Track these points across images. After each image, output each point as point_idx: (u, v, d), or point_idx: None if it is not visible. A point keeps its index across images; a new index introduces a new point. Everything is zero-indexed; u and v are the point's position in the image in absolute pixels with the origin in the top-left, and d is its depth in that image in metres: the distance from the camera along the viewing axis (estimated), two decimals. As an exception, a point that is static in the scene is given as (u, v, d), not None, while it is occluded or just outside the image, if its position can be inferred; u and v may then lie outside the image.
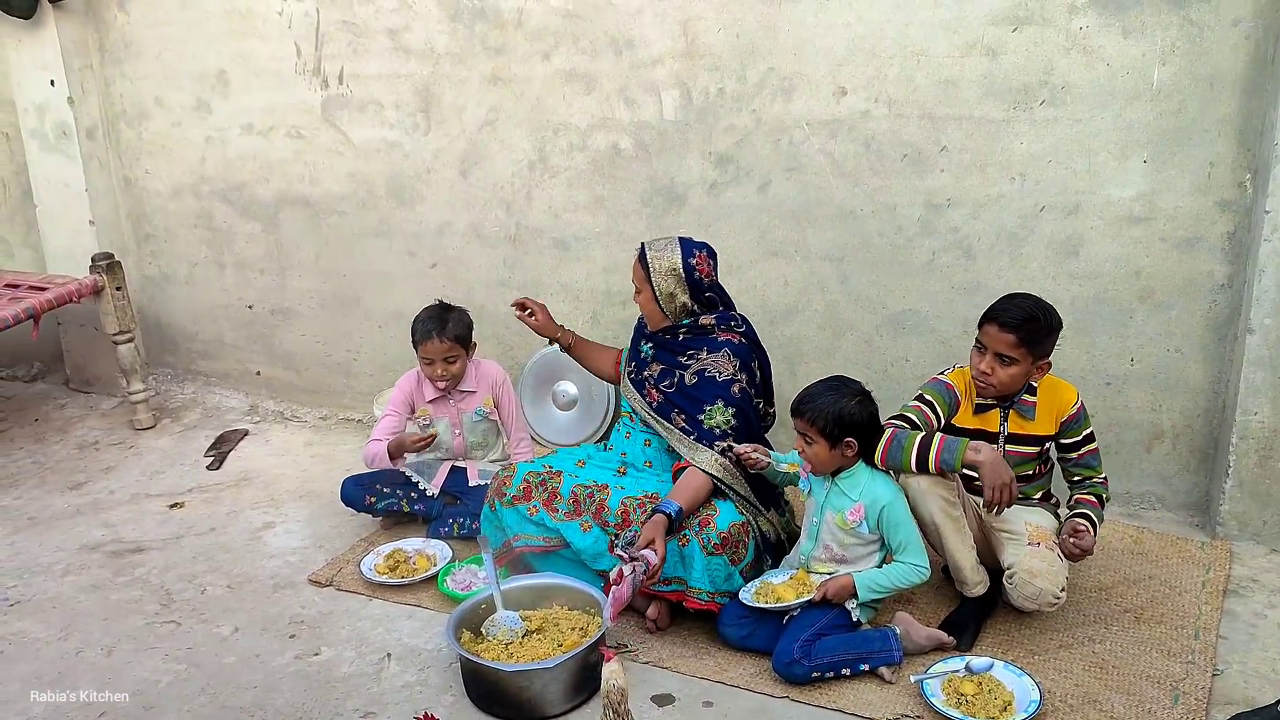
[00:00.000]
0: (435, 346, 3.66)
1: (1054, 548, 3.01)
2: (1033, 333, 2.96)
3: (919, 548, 2.99)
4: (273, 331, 5.05)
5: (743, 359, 3.34)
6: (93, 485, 4.36)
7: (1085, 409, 3.13)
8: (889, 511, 2.95)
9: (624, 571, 2.91)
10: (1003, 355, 2.99)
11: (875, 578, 2.98)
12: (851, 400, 2.93)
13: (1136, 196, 3.46)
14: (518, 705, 2.83)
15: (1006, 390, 3.05)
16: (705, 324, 3.38)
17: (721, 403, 3.27)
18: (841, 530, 3.01)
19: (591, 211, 4.23)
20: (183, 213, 5.06)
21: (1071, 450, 3.15)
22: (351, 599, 3.45)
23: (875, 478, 3.00)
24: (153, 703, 2.97)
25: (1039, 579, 2.93)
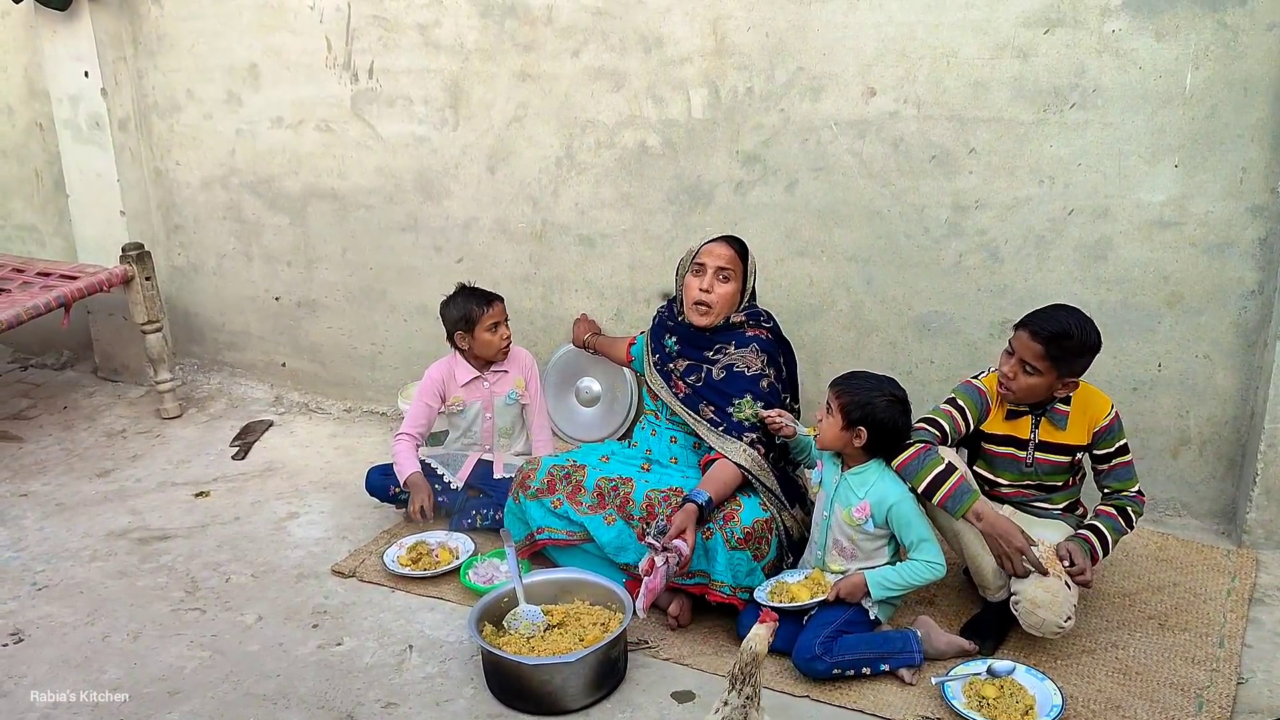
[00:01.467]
0: (499, 308, 3.78)
1: (1061, 573, 2.92)
2: (1062, 349, 2.90)
3: (934, 545, 2.97)
4: (299, 323, 5.08)
5: (770, 354, 3.35)
6: (120, 473, 4.41)
7: (1120, 421, 3.06)
8: (897, 510, 2.95)
9: (656, 562, 2.92)
10: (1027, 364, 2.95)
11: (888, 575, 2.98)
12: (883, 397, 2.96)
13: (1167, 201, 3.44)
14: (539, 699, 2.84)
15: (1024, 399, 3.02)
16: (736, 321, 3.40)
17: (750, 396, 3.29)
18: (849, 526, 3.02)
19: (618, 209, 4.24)
20: (212, 204, 5.10)
21: (1103, 462, 3.08)
22: (374, 590, 3.47)
23: (885, 476, 3.01)
24: (177, 688, 3.00)
25: (1041, 610, 2.87)
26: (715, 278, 3.34)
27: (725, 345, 3.37)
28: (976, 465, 3.19)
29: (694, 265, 3.39)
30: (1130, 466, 3.09)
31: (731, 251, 3.37)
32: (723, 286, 3.35)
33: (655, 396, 3.51)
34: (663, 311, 3.62)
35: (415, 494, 3.67)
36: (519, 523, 3.42)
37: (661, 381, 3.47)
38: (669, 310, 3.57)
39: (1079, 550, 2.96)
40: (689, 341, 3.44)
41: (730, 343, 3.37)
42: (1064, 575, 2.93)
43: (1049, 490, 3.14)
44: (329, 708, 2.91)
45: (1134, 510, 3.09)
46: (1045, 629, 2.90)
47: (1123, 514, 3.07)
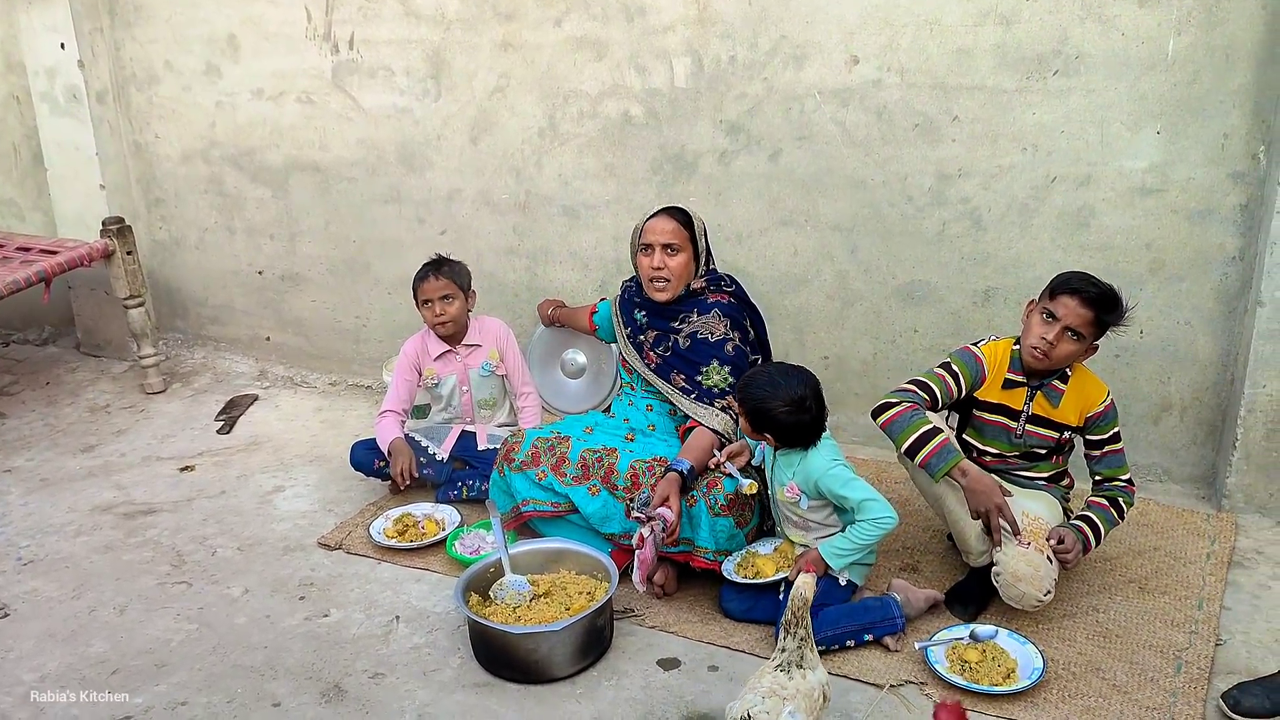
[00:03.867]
0: (432, 285, 3.74)
1: (1045, 548, 2.94)
2: (1109, 315, 2.89)
3: (876, 501, 2.91)
4: (282, 297, 5.06)
5: (733, 318, 3.36)
6: (104, 448, 4.40)
7: (1115, 409, 3.04)
8: (826, 483, 2.93)
9: (644, 534, 2.93)
10: (1073, 330, 2.90)
11: (839, 544, 2.96)
12: (780, 405, 2.90)
13: (1149, 168, 3.44)
14: (525, 667, 2.86)
15: (1058, 365, 2.98)
16: (696, 288, 3.40)
17: (717, 362, 3.31)
18: (786, 503, 3.04)
19: (601, 179, 4.22)
20: (193, 178, 5.06)
21: (1095, 448, 3.08)
22: (361, 562, 3.48)
23: (807, 456, 2.98)
24: (164, 661, 3.01)
25: (1022, 583, 2.89)
26: (664, 254, 3.32)
27: (689, 314, 3.39)
28: (966, 433, 3.20)
29: (641, 245, 3.37)
30: (1122, 455, 3.09)
31: (674, 224, 3.33)
32: (673, 260, 3.33)
33: (630, 369, 3.52)
34: (629, 285, 3.62)
35: (397, 457, 3.68)
36: (504, 495, 3.43)
37: (634, 353, 3.49)
38: (635, 284, 3.57)
39: (1072, 535, 2.97)
40: (655, 313, 3.45)
41: (693, 311, 3.38)
42: (1047, 550, 2.94)
43: (1034, 459, 3.15)
44: (316, 678, 2.92)
45: (1125, 501, 3.09)
46: (1025, 602, 2.92)
47: (1115, 505, 3.07)
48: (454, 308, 3.77)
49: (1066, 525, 3.03)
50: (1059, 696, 2.75)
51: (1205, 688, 2.75)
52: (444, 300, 3.76)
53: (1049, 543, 2.95)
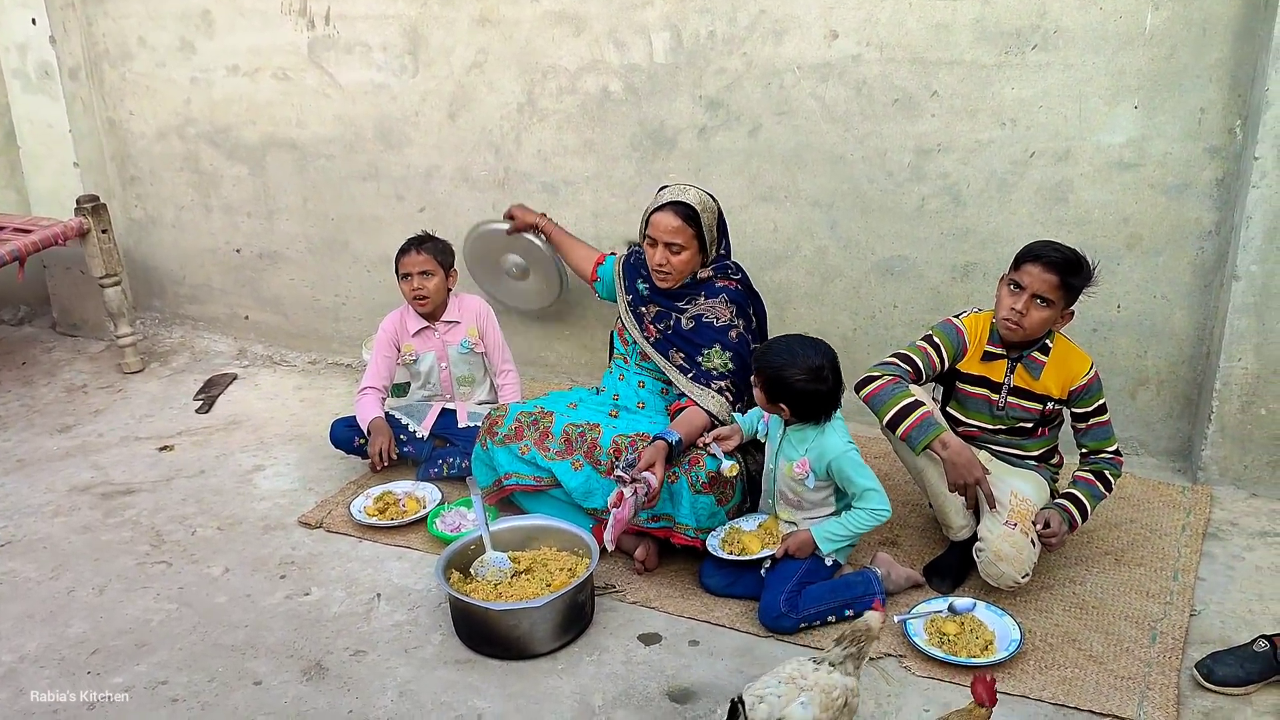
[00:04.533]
0: (412, 259, 3.73)
1: (1030, 530, 2.95)
2: (1074, 277, 2.90)
3: (878, 492, 2.96)
4: (261, 276, 5.03)
5: (740, 305, 3.35)
6: (81, 428, 4.37)
7: (1099, 381, 3.05)
8: (838, 465, 2.95)
9: (624, 494, 2.93)
10: (1041, 297, 2.91)
11: (832, 529, 2.99)
12: (798, 373, 2.89)
13: (1126, 142, 3.45)
14: (506, 644, 2.87)
15: (1032, 335, 2.98)
16: (704, 276, 3.38)
17: (719, 347, 3.30)
18: (791, 480, 3.04)
19: (581, 155, 4.20)
20: (168, 155, 5.01)
21: (1081, 420, 3.08)
22: (341, 540, 3.47)
23: (824, 433, 2.98)
24: (144, 640, 3.00)
25: (1003, 563, 2.91)
26: (667, 251, 3.29)
27: (695, 297, 3.37)
28: (949, 406, 3.21)
29: (647, 237, 3.33)
30: (1108, 427, 3.09)
31: (679, 223, 3.26)
32: (676, 257, 3.29)
33: (625, 340, 3.52)
34: (636, 250, 3.57)
35: (375, 437, 3.68)
36: (486, 468, 3.43)
37: (634, 322, 3.48)
38: (641, 255, 3.52)
39: (1058, 518, 2.98)
40: (659, 290, 3.43)
41: (700, 294, 3.37)
42: (1032, 533, 2.96)
43: (1020, 435, 3.16)
44: (298, 656, 2.92)
45: (1111, 473, 3.10)
46: (1002, 581, 2.94)
47: (1101, 478, 3.08)
48: (432, 284, 3.76)
49: (1052, 506, 3.04)
50: (1036, 667, 2.78)
51: (1180, 657, 2.79)
52: (423, 275, 3.74)
53: (1035, 526, 2.97)
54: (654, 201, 3.34)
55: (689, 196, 3.30)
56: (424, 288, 3.75)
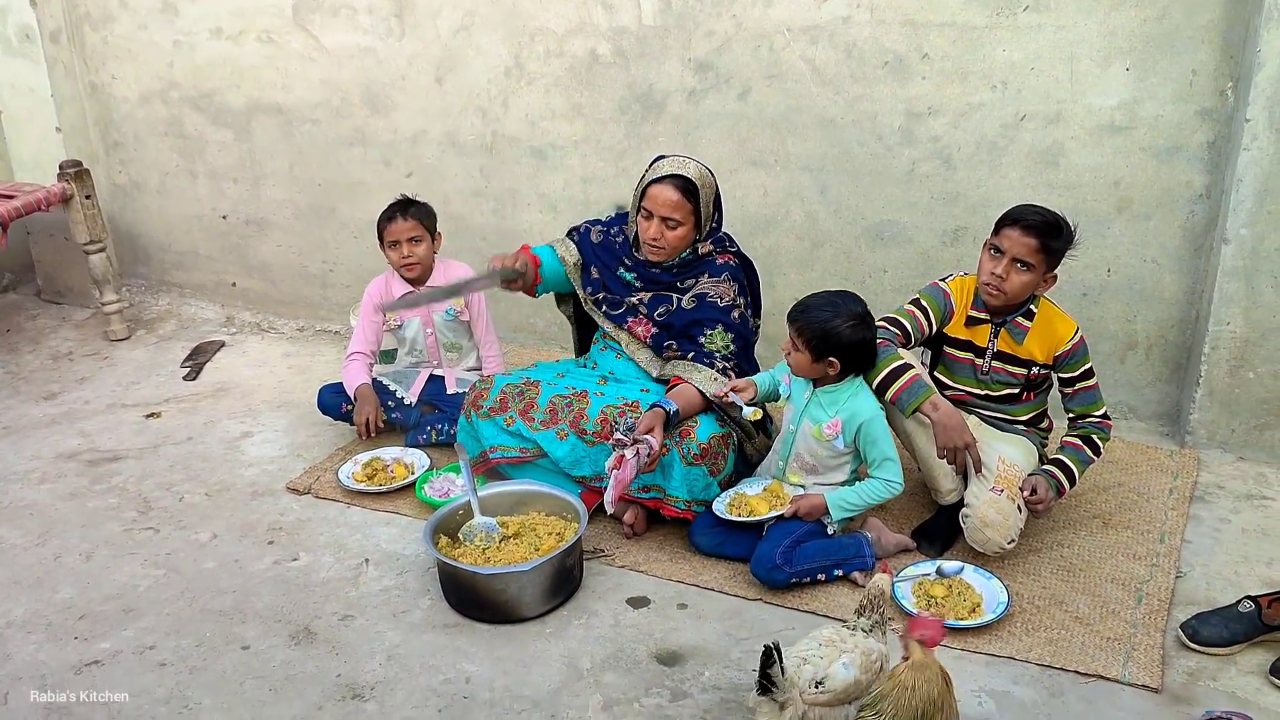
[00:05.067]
0: (399, 226, 3.68)
1: (1016, 496, 2.95)
2: (1054, 240, 2.89)
3: (895, 464, 2.98)
4: (247, 242, 4.99)
5: (740, 282, 3.29)
6: (67, 395, 4.34)
7: (1085, 345, 3.04)
8: (868, 428, 2.95)
9: (625, 455, 2.91)
10: (1021, 261, 2.90)
11: (847, 496, 3.00)
12: (845, 322, 2.88)
13: (1118, 105, 3.43)
14: (495, 608, 2.87)
15: (1015, 299, 2.97)
16: (704, 252, 3.28)
17: (722, 328, 3.23)
18: (817, 441, 3.03)
19: (569, 120, 4.17)
20: (152, 120, 4.96)
21: (1068, 385, 3.07)
22: (330, 506, 3.46)
23: (857, 394, 2.99)
24: (132, 606, 3.00)
25: (989, 529, 2.92)
26: (663, 226, 3.18)
27: (699, 275, 3.27)
28: (937, 370, 3.21)
29: (642, 209, 3.21)
30: (1095, 391, 3.08)
31: (677, 197, 3.15)
32: (672, 233, 3.19)
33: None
34: (608, 235, 3.43)
35: (361, 406, 3.66)
36: (471, 440, 3.40)
37: (614, 327, 3.37)
38: (617, 236, 3.40)
39: (1044, 484, 2.98)
40: (651, 278, 3.31)
41: (703, 273, 3.27)
42: (1019, 499, 2.96)
43: (1007, 402, 3.16)
44: (286, 621, 2.92)
45: (1099, 438, 3.09)
46: (988, 547, 2.95)
47: (1088, 443, 3.08)
48: (422, 249, 3.73)
49: (1039, 472, 3.04)
50: (1023, 629, 2.79)
51: (1165, 618, 2.80)
52: (411, 242, 3.71)
53: (1021, 493, 2.97)
54: (651, 173, 3.22)
55: (689, 170, 3.18)
56: (413, 254, 3.72)
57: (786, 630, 2.82)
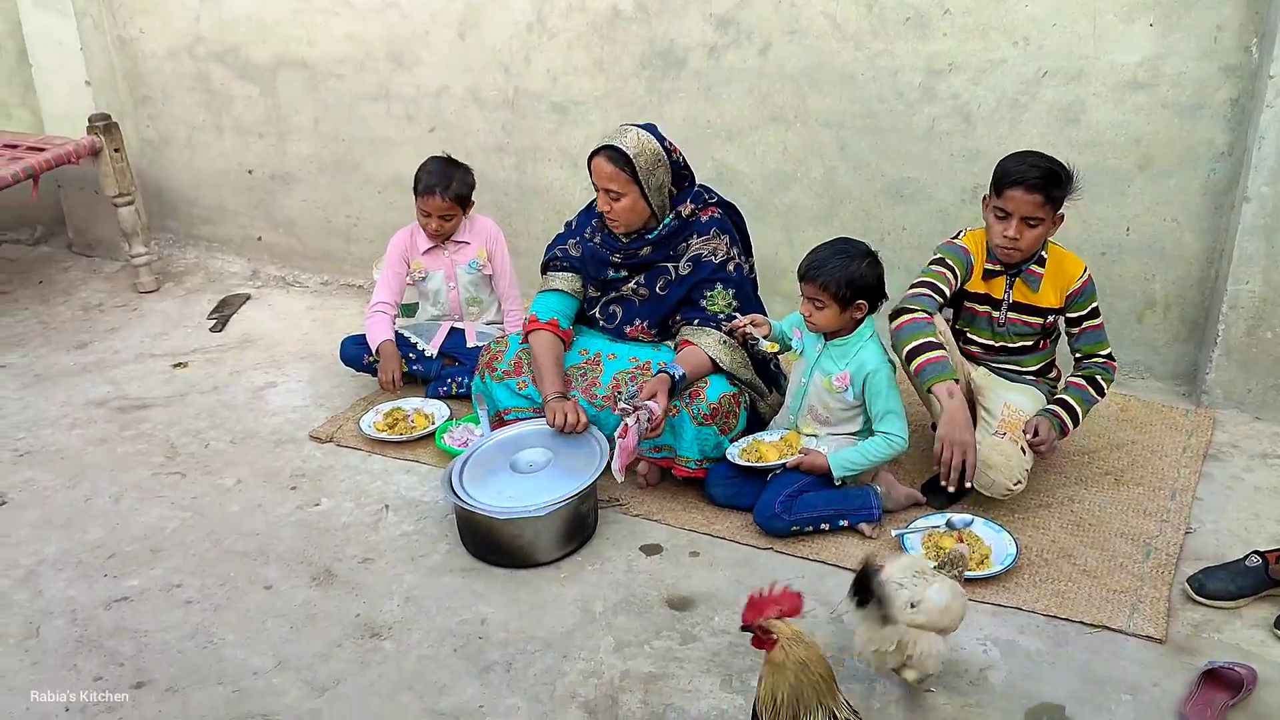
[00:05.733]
0: (436, 203, 3.70)
1: (1020, 439, 2.98)
2: (1056, 188, 2.89)
3: (899, 418, 3.01)
4: (273, 197, 5.05)
5: (729, 232, 3.28)
6: (97, 345, 4.43)
7: (1093, 283, 3.05)
8: (873, 379, 2.98)
9: (629, 424, 2.95)
10: (1029, 218, 2.91)
11: (850, 456, 3.03)
12: (862, 263, 2.94)
13: (1141, 61, 3.40)
14: (510, 552, 2.93)
15: (1031, 252, 2.99)
16: (687, 213, 3.24)
17: (721, 285, 3.23)
18: (828, 394, 3.06)
19: (590, 75, 4.18)
20: (179, 74, 5.00)
21: (1074, 325, 3.09)
22: (351, 454, 3.53)
23: (866, 346, 3.03)
24: (159, 546, 3.09)
25: (993, 471, 2.94)
26: (607, 198, 3.16)
27: (688, 239, 3.24)
28: (958, 323, 3.22)
29: (594, 182, 3.19)
30: (1100, 330, 3.10)
31: (611, 169, 3.10)
32: (618, 204, 3.15)
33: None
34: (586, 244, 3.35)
35: (385, 363, 3.71)
36: (487, 400, 3.43)
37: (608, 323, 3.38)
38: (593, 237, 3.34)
39: (1047, 424, 3.00)
40: (637, 258, 3.27)
41: (691, 234, 3.24)
42: (1022, 441, 2.99)
43: (1019, 353, 3.18)
44: (308, 563, 3.00)
45: (1104, 378, 3.11)
46: (994, 490, 2.97)
47: (1092, 383, 3.10)
48: (450, 224, 3.78)
49: (1042, 413, 3.06)
50: (1030, 581, 2.82)
51: (1172, 573, 2.83)
52: (442, 219, 3.75)
53: (1025, 435, 3.00)
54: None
55: (626, 140, 3.11)
56: (442, 228, 3.77)
57: (797, 579, 2.86)
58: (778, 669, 1.96)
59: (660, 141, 3.17)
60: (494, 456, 3.12)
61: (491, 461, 3.10)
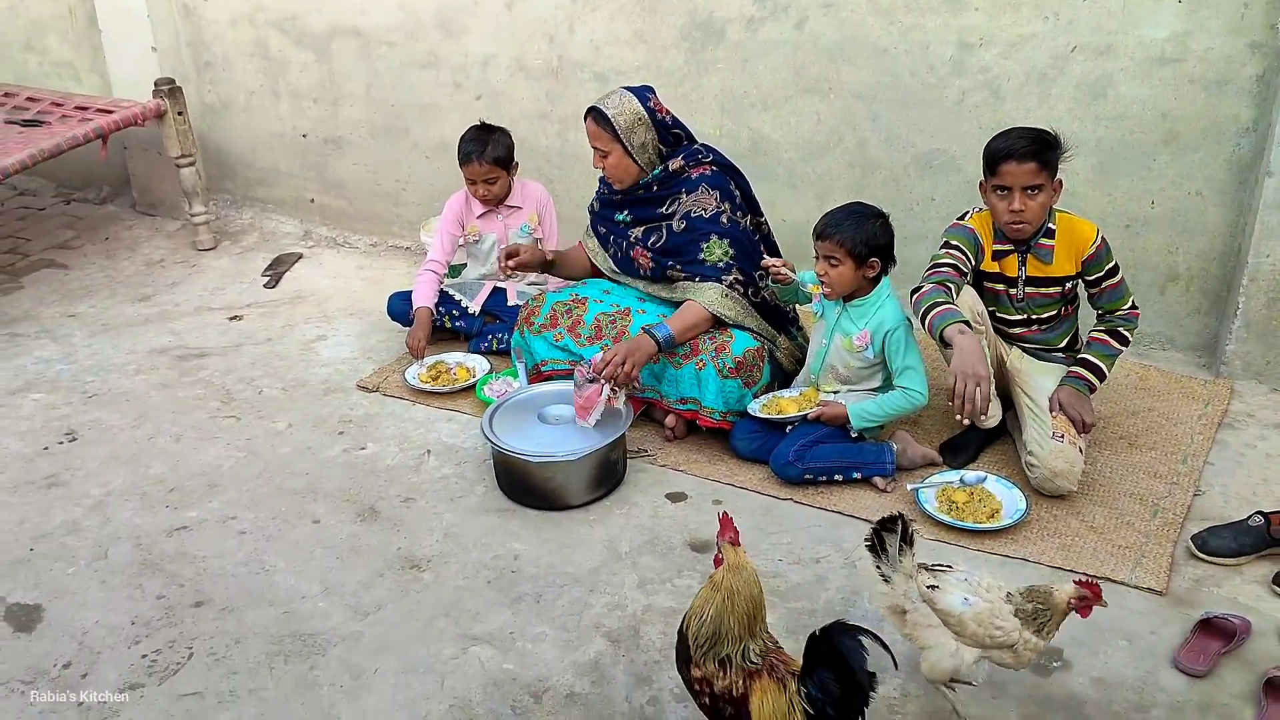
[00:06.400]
0: (476, 169, 3.85)
1: (1076, 439, 3.03)
2: (1047, 155, 2.98)
3: (919, 374, 3.12)
4: (326, 160, 5.24)
5: (721, 188, 3.40)
6: (159, 298, 4.66)
7: (1107, 245, 3.11)
8: (893, 337, 3.11)
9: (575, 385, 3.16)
10: (1029, 187, 2.99)
11: (868, 407, 3.15)
12: (876, 223, 3.08)
13: (1169, 37, 3.47)
14: (543, 494, 3.10)
15: (1038, 222, 3.06)
16: (675, 168, 3.41)
17: (715, 237, 3.37)
18: (849, 353, 3.19)
19: (631, 45, 4.31)
20: (239, 41, 5.21)
21: (1094, 287, 3.16)
22: (396, 403, 3.72)
23: (884, 305, 3.15)
24: (215, 482, 3.30)
25: (1059, 479, 3.00)
26: (598, 156, 3.42)
27: (677, 195, 3.41)
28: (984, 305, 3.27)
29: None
30: (1120, 286, 3.16)
31: (594, 127, 3.38)
32: (607, 160, 3.40)
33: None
34: (601, 195, 3.64)
35: (415, 328, 3.87)
36: (526, 354, 3.61)
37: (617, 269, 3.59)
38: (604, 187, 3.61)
39: (1072, 399, 3.07)
40: (638, 204, 3.49)
41: (681, 191, 3.41)
42: (1079, 441, 3.05)
43: (1045, 324, 3.25)
44: (353, 501, 3.19)
45: (1127, 328, 3.18)
46: (1057, 492, 3.04)
47: (1115, 335, 3.18)
48: (497, 186, 3.92)
49: (1066, 381, 3.14)
50: (1038, 535, 2.94)
51: (1178, 531, 2.93)
52: (487, 183, 3.90)
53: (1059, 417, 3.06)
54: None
55: (608, 102, 3.36)
56: (488, 193, 3.92)
57: (813, 527, 3.01)
58: (713, 588, 2.10)
59: (643, 103, 3.38)
60: (526, 408, 3.29)
61: (524, 412, 3.27)
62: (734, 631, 2.06)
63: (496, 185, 3.90)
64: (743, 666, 2.05)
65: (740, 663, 2.05)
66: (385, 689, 2.49)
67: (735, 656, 2.05)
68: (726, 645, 2.06)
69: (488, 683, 2.50)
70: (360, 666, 2.56)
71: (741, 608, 2.07)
